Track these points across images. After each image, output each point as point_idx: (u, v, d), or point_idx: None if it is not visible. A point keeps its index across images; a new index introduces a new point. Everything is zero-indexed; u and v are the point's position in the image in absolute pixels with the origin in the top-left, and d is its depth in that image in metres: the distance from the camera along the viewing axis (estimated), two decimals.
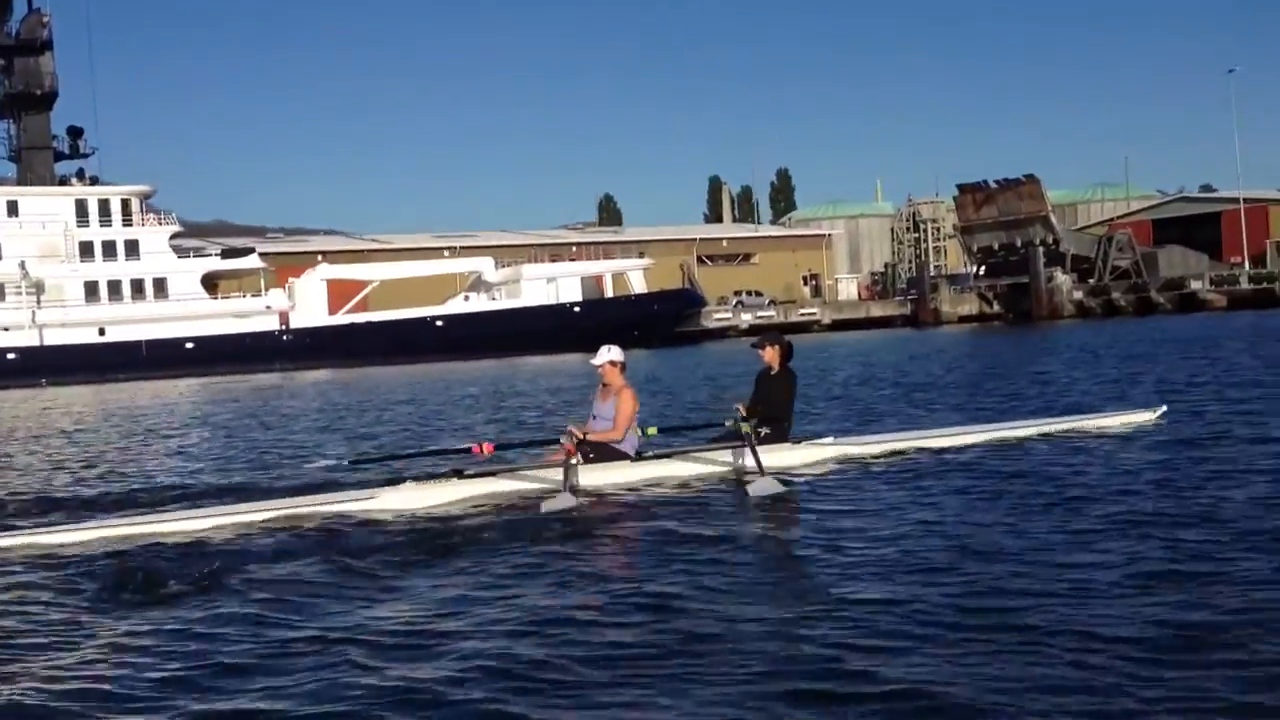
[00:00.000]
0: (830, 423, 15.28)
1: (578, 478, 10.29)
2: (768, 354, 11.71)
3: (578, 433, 10.53)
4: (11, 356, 62.65)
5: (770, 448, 11.01)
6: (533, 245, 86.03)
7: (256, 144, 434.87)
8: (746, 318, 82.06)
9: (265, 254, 76.82)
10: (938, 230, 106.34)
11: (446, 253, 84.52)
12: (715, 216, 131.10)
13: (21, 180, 68.33)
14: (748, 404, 11.39)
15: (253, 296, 68.96)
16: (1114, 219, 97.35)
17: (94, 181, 68.87)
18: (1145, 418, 13.13)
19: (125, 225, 67.23)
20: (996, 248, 80.00)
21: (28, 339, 63.58)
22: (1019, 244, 77.81)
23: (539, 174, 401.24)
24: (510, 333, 67.39)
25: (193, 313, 66.46)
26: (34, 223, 65.33)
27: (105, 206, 67.05)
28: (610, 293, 73.72)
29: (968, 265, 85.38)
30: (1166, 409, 13.43)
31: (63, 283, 65.54)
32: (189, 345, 64.98)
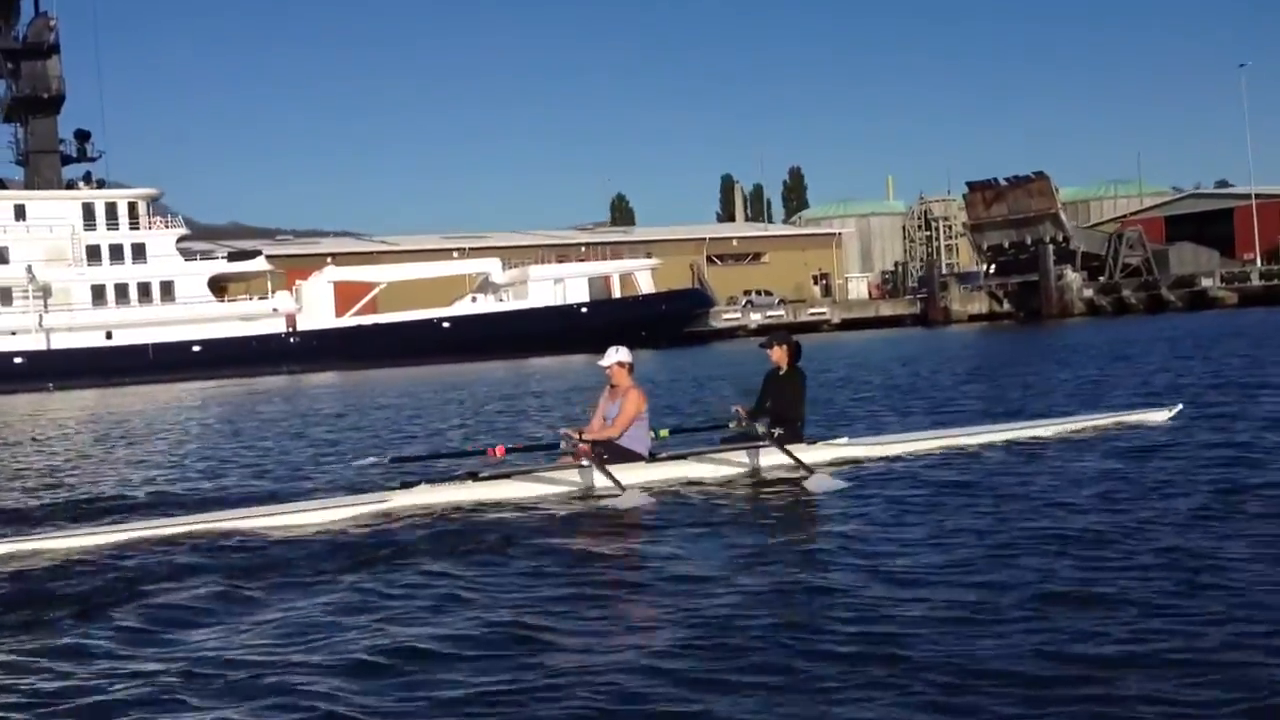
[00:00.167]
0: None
1: (593, 479, 10.40)
2: (776, 354, 11.67)
3: (573, 434, 10.54)
4: (19, 361, 62.81)
5: (779, 450, 11.02)
6: (541, 246, 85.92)
7: (270, 147, 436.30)
8: (756, 317, 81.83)
9: (274, 256, 76.95)
10: (950, 228, 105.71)
11: (455, 254, 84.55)
12: (728, 215, 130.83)
13: (29, 184, 68.57)
14: (754, 404, 11.46)
15: (259, 299, 69.03)
16: (1126, 216, 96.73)
17: (101, 185, 69.07)
18: (1160, 416, 13.18)
19: (132, 229, 67.37)
20: (1006, 246, 79.56)
21: (35, 343, 63.76)
22: (1029, 242, 77.37)
23: (551, 174, 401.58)
24: (517, 334, 67.31)
25: (199, 316, 66.57)
26: (41, 226, 65.51)
27: (112, 210, 67.21)
28: (618, 293, 73.58)
29: (978, 263, 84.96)
30: (1182, 407, 13.50)
31: (70, 286, 65.70)
32: (196, 348, 65.08)
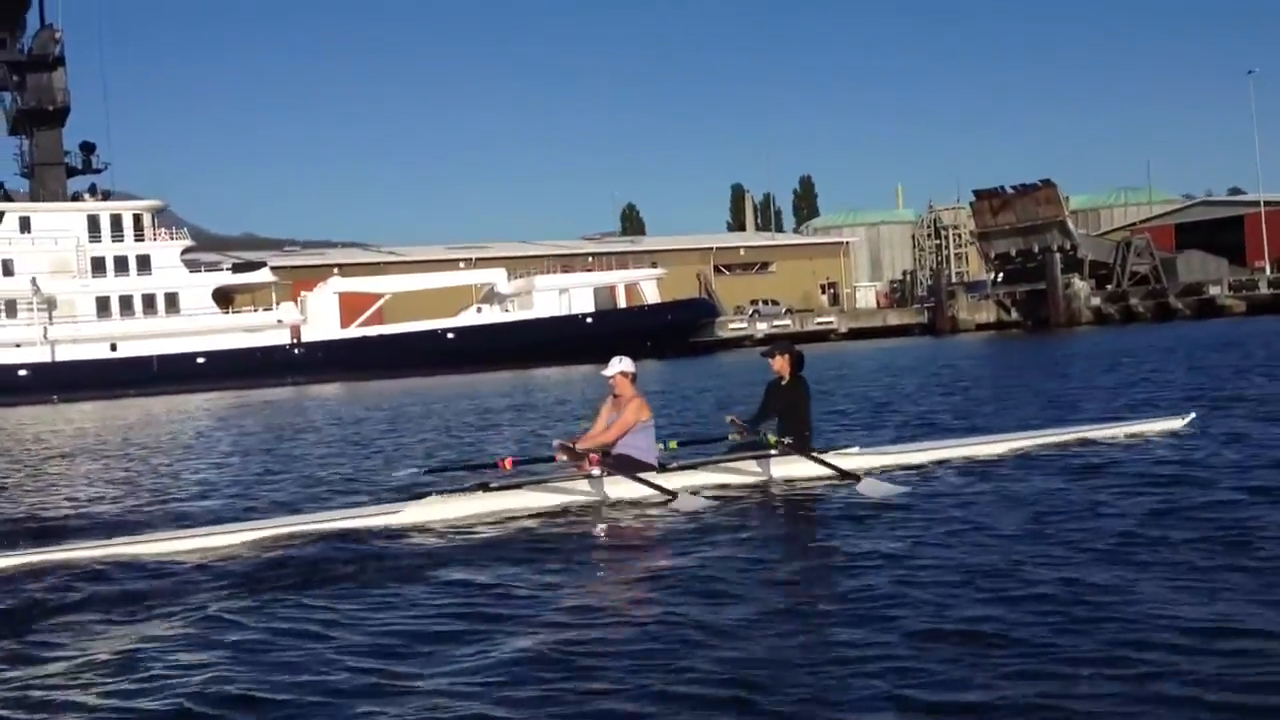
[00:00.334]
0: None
1: (604, 488, 10.44)
2: (778, 363, 11.58)
3: (570, 445, 10.61)
4: (23, 373, 62.81)
5: (795, 458, 11.06)
6: (546, 256, 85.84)
7: (283, 159, 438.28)
8: (762, 327, 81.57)
9: (281, 268, 77.04)
10: (959, 237, 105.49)
11: (462, 264, 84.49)
12: (738, 224, 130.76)
13: (34, 196, 68.62)
14: (756, 414, 11.45)
15: (264, 311, 69.04)
16: (1136, 224, 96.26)
17: (106, 197, 69.09)
18: (1174, 425, 13.17)
19: (137, 240, 67.36)
20: (1014, 254, 79.15)
21: (39, 355, 63.75)
22: (1036, 250, 76.94)
23: (562, 185, 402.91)
24: (522, 344, 67.19)
25: (204, 327, 66.53)
26: (46, 239, 65.56)
27: (117, 222, 67.24)
28: (623, 303, 73.43)
29: (987, 272, 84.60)
30: (1195, 416, 13.46)
31: (74, 298, 65.72)
32: (200, 360, 65.04)
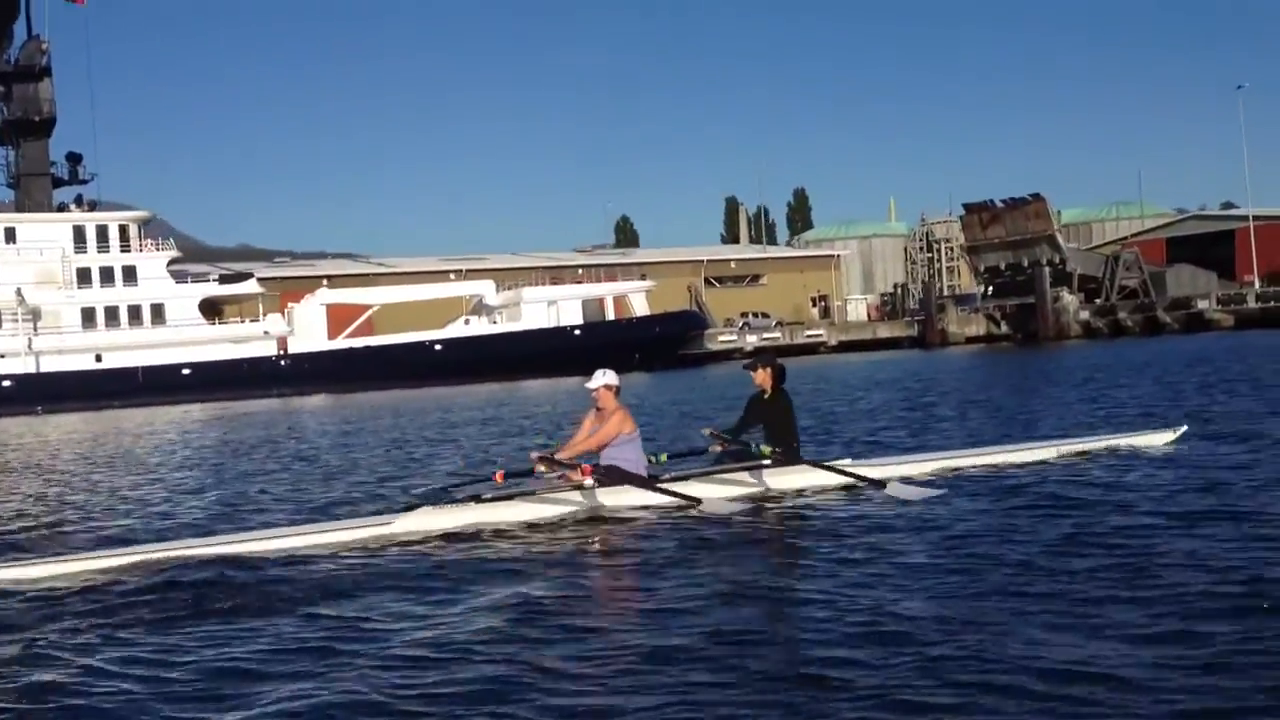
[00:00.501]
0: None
1: (597, 501, 10.43)
2: (759, 376, 11.49)
3: (548, 456, 10.62)
4: (7, 384, 62.53)
5: (786, 470, 11.09)
6: (536, 268, 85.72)
7: (280, 170, 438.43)
8: (752, 339, 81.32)
9: (271, 279, 76.86)
10: (951, 250, 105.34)
11: (453, 275, 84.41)
12: (732, 237, 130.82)
13: (20, 206, 68.51)
14: (735, 427, 11.35)
15: (251, 322, 68.85)
16: (1128, 238, 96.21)
17: (92, 207, 69.00)
18: (1165, 438, 13.20)
19: (123, 251, 67.24)
20: (1003, 267, 79.12)
21: (24, 366, 63.46)
22: (1026, 264, 76.89)
23: (557, 197, 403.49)
24: (510, 356, 66.98)
25: (190, 338, 66.33)
26: (31, 249, 65.42)
27: (103, 232, 67.10)
28: (612, 315, 73.25)
29: (977, 285, 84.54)
30: (1186, 429, 13.52)
31: (60, 309, 65.54)
32: (186, 371, 64.81)
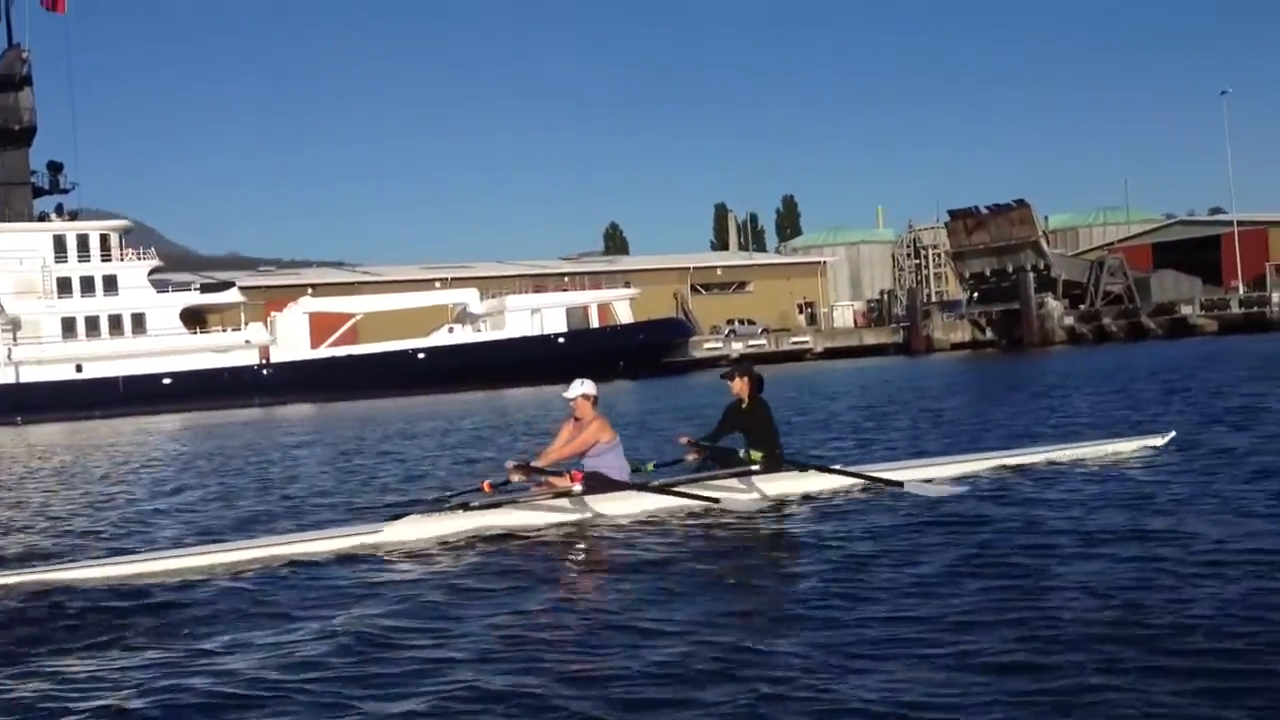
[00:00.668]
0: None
1: (586, 506, 10.42)
2: (737, 385, 11.36)
3: (523, 463, 10.64)
4: None
5: (775, 476, 11.09)
6: (521, 276, 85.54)
7: (270, 179, 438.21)
8: (738, 347, 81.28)
9: (253, 288, 76.55)
10: (939, 257, 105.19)
11: (438, 284, 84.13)
12: (722, 244, 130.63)
13: (0, 216, 68.08)
14: (711, 435, 11.30)
15: (232, 331, 68.57)
16: (1115, 243, 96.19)
17: (73, 217, 68.75)
18: (1153, 443, 13.16)
19: (104, 260, 66.94)
20: (988, 274, 79.02)
21: (3, 376, 62.99)
22: (1010, 270, 76.81)
23: (547, 205, 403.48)
24: (494, 365, 66.72)
25: (171, 348, 66.01)
26: (11, 259, 65.04)
27: (84, 242, 66.81)
28: (596, 323, 73.06)
29: (962, 291, 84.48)
30: (1174, 434, 13.47)
31: (40, 319, 65.20)
32: (167, 381, 64.48)
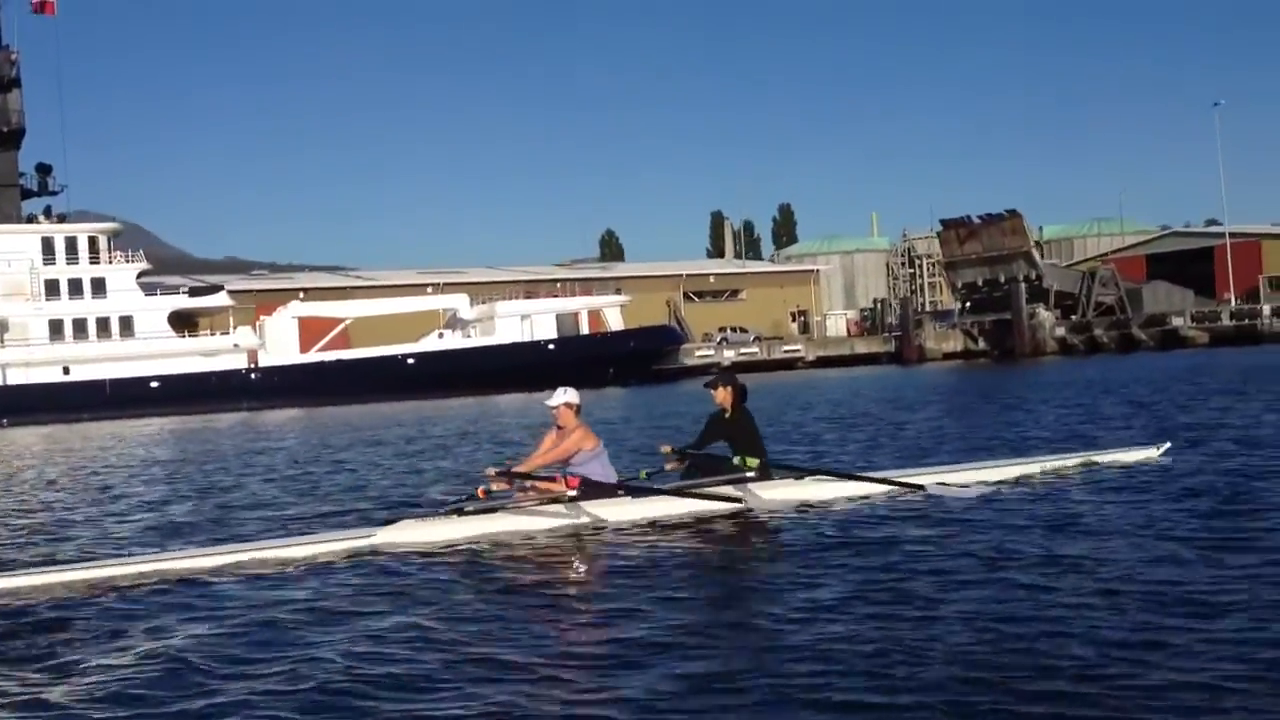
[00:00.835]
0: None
1: (580, 512, 10.36)
2: (720, 395, 11.31)
3: (506, 468, 10.64)
4: None
5: (772, 483, 11.09)
6: (512, 282, 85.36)
7: (269, 183, 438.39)
8: (729, 355, 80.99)
9: (244, 292, 76.41)
10: (933, 266, 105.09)
11: (430, 289, 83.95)
12: (718, 251, 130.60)
13: None
14: (693, 444, 11.28)
15: (221, 335, 68.35)
16: (1108, 254, 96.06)
17: (62, 219, 68.53)
18: (1149, 454, 13.09)
19: (92, 263, 66.74)
20: (980, 284, 78.83)
21: None
22: (1002, 280, 76.59)
23: (545, 211, 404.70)
24: (483, 370, 66.53)
25: (159, 351, 65.80)
26: None
27: (72, 244, 66.59)
28: (586, 329, 72.88)
29: (954, 301, 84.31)
30: (1170, 445, 13.41)
31: (27, 321, 64.98)
32: (154, 384, 64.26)
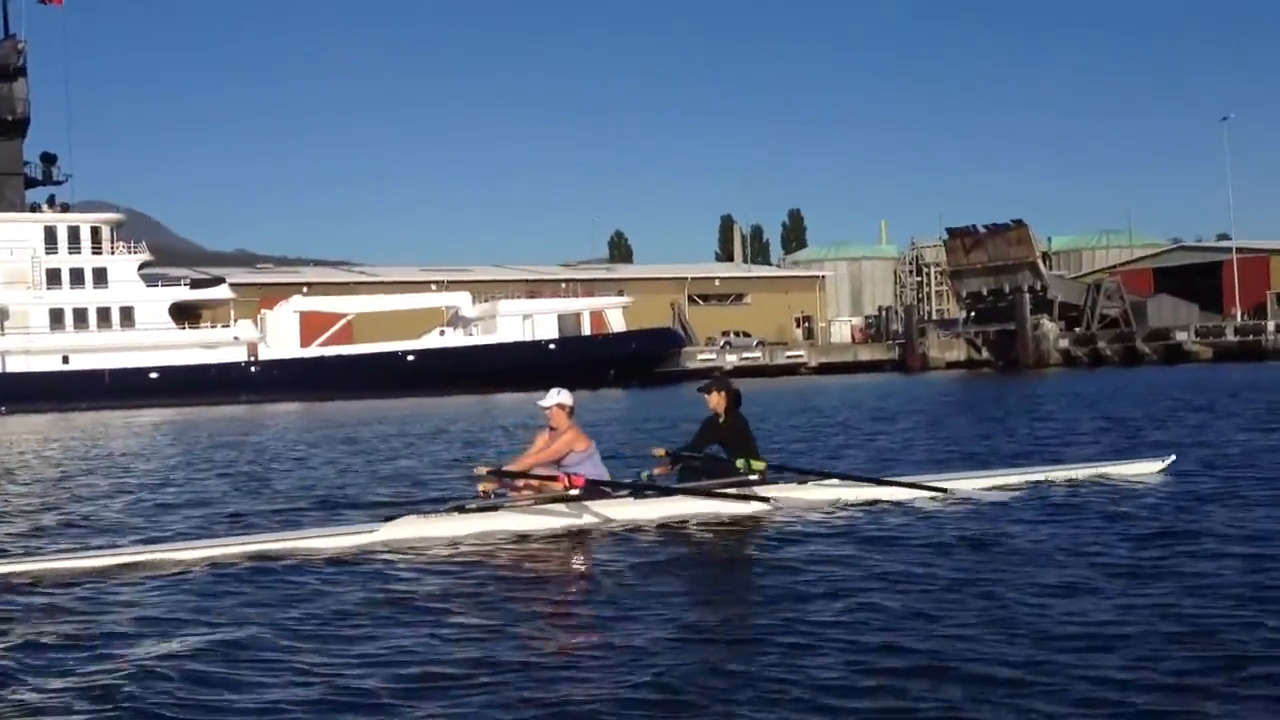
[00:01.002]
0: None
1: (583, 511, 10.35)
2: (714, 399, 11.24)
3: (497, 467, 10.66)
4: None
5: (771, 487, 11.04)
6: (515, 281, 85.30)
7: (283, 177, 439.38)
8: (732, 359, 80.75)
9: (246, 285, 76.46)
10: (941, 274, 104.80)
11: (434, 286, 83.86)
12: (727, 255, 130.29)
13: None
14: (688, 446, 11.24)
15: (222, 327, 68.37)
16: (1116, 266, 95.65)
17: (65, 209, 68.63)
18: (1153, 467, 13.01)
19: (94, 253, 66.89)
20: (985, 293, 78.41)
21: None
22: (1007, 290, 76.18)
23: (556, 211, 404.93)
24: (483, 369, 66.45)
25: (159, 342, 65.87)
26: (1, 249, 65.00)
27: (75, 234, 66.73)
28: (588, 330, 72.74)
29: (959, 310, 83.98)
30: (1175, 458, 13.32)
31: (28, 309, 65.11)
32: (153, 375, 64.32)
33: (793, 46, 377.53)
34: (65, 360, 64.40)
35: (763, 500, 10.64)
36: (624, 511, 10.44)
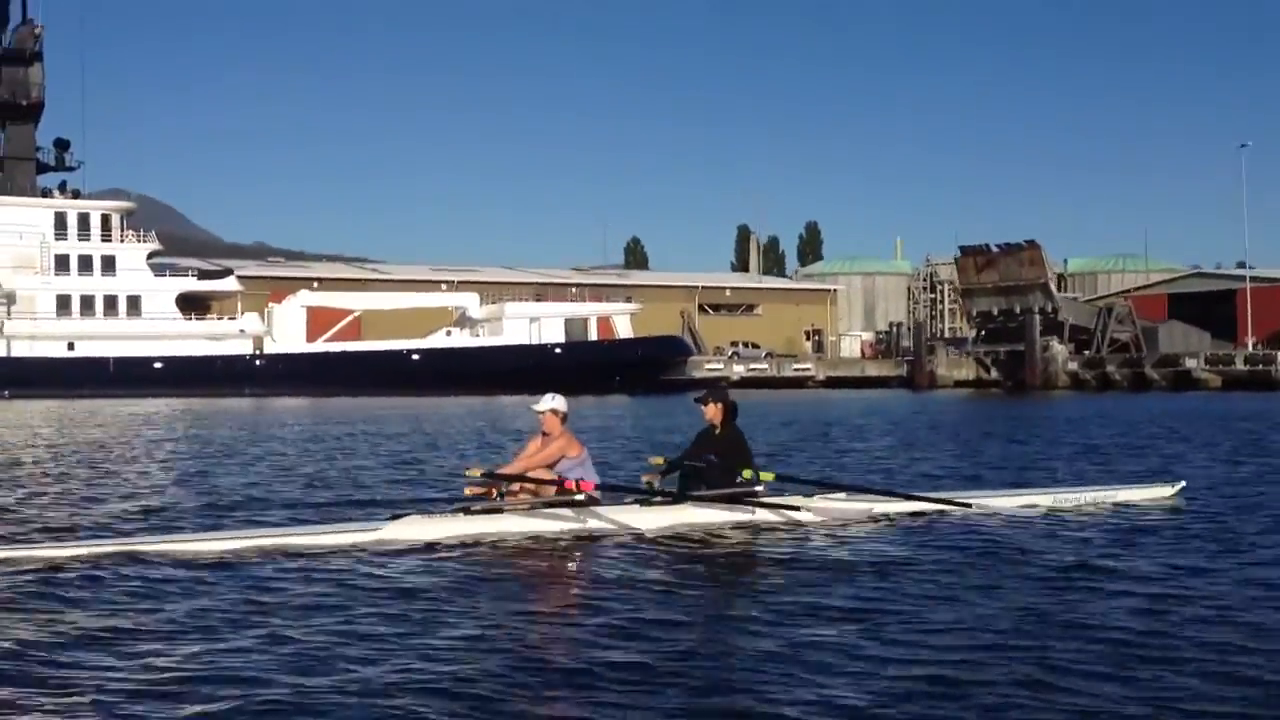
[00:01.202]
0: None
1: (589, 515, 10.33)
2: (710, 411, 11.15)
3: (491, 469, 10.54)
4: None
5: (777, 497, 11.08)
6: (524, 284, 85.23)
7: (303, 173, 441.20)
8: (739, 369, 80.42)
9: (255, 278, 76.50)
10: (954, 292, 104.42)
11: (444, 286, 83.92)
12: (743, 265, 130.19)
13: (1, 189, 68.19)
14: (682, 458, 11.16)
15: (228, 319, 68.43)
16: (1130, 291, 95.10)
17: (76, 195, 68.82)
18: (1163, 493, 12.86)
19: (104, 241, 67.04)
20: (996, 313, 77.89)
21: None
22: (1018, 310, 75.69)
23: (573, 215, 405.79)
24: (488, 371, 66.34)
25: (164, 332, 65.98)
26: (11, 233, 65.26)
27: (85, 221, 66.91)
28: (595, 335, 72.56)
29: (969, 329, 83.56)
30: (1185, 484, 13.20)
31: (35, 295, 65.28)
32: (158, 365, 64.39)
33: (817, 64, 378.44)
34: (70, 347, 64.53)
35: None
36: (631, 518, 10.44)
